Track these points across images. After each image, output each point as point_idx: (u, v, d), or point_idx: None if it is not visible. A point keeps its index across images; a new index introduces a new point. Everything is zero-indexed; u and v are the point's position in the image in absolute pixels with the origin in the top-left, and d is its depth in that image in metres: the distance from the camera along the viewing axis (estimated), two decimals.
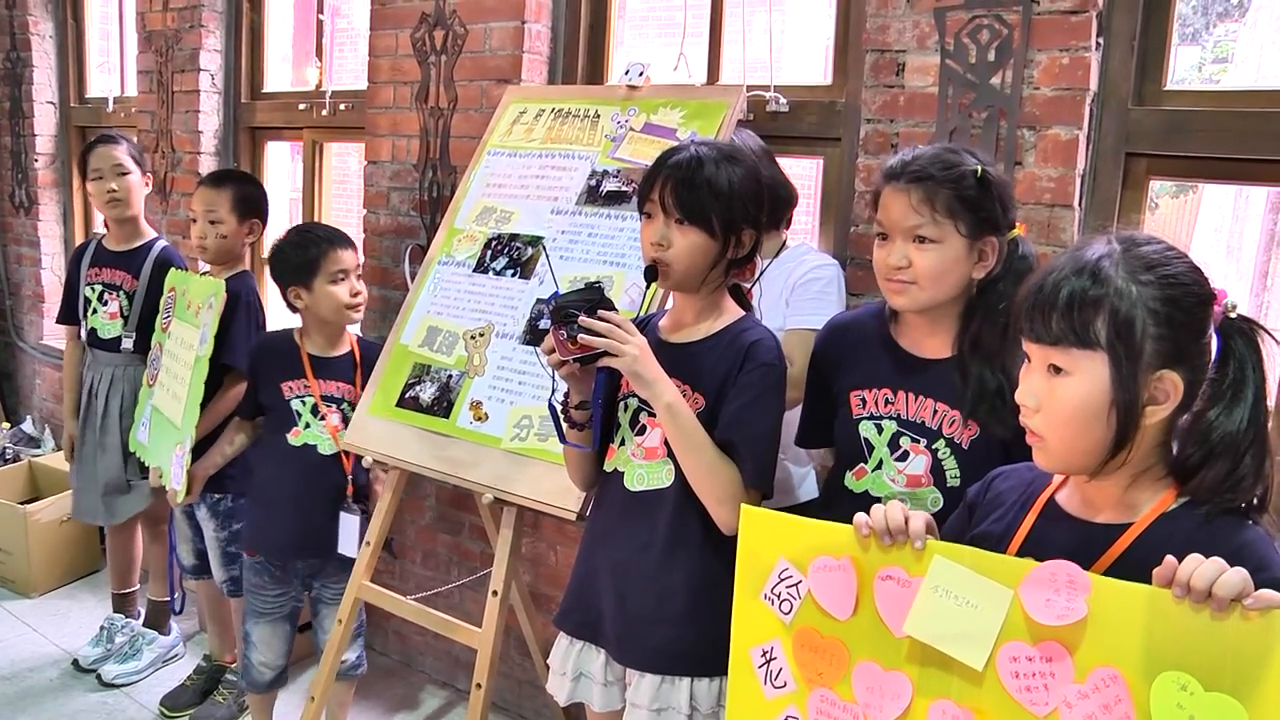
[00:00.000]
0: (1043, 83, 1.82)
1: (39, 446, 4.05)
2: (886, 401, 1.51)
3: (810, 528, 1.18)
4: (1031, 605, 0.98)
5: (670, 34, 2.45)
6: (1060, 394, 1.04)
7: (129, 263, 2.81)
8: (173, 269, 2.64)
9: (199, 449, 2.34)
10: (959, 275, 1.42)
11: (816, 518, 1.64)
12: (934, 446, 1.47)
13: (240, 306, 2.43)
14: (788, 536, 1.18)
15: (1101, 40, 1.81)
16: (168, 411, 2.38)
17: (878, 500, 1.45)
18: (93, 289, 2.81)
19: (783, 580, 1.17)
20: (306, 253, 2.20)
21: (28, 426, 4.19)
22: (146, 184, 2.85)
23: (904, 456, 1.49)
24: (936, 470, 1.47)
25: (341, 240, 2.26)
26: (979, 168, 1.40)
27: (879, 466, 1.51)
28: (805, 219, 2.80)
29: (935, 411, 1.47)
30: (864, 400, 1.53)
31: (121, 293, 2.80)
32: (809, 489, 2.08)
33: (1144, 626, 0.93)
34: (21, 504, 3.32)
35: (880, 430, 1.51)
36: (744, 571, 1.21)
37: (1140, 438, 1.03)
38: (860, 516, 1.12)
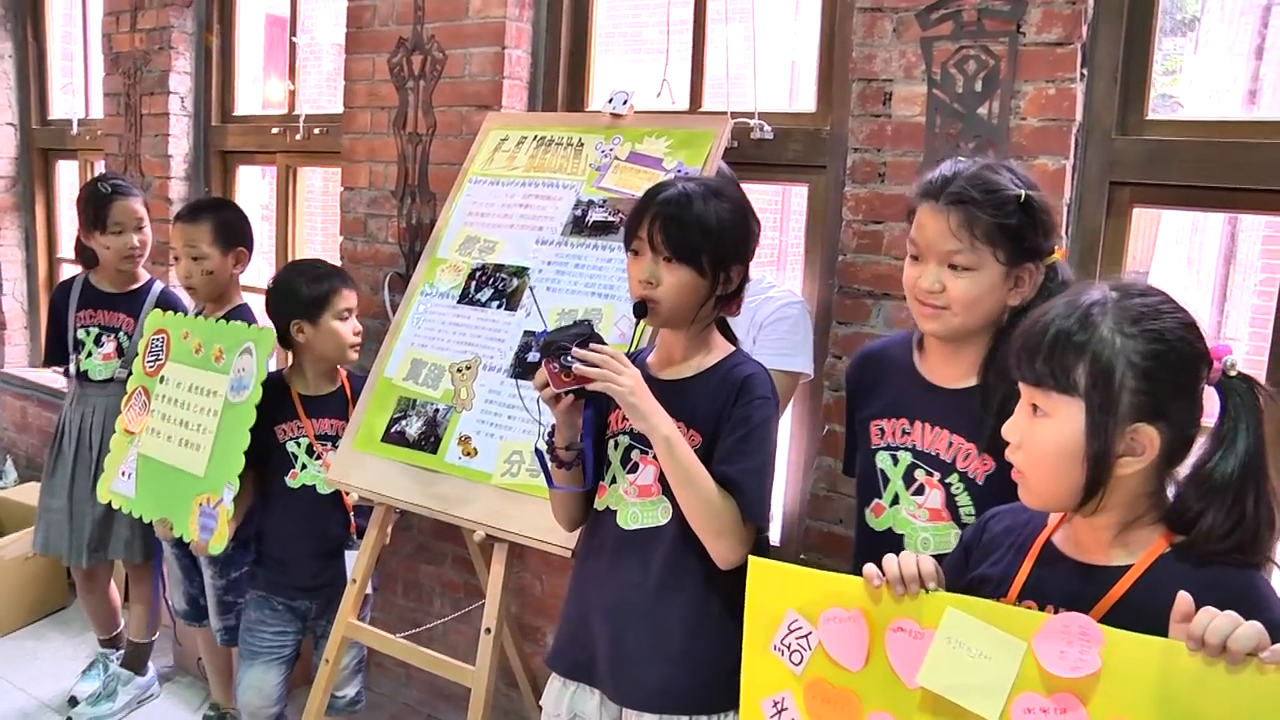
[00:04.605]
0: (1029, 113, 1.83)
1: (0, 479, 3.95)
2: (904, 432, 1.49)
3: (819, 579, 1.17)
4: (1045, 657, 0.98)
5: (636, 50, 2.45)
6: (1038, 435, 1.06)
7: (129, 305, 2.73)
8: (154, 310, 2.55)
9: None
10: (994, 303, 1.38)
11: (850, 558, 1.64)
12: (947, 481, 1.44)
13: None
14: (796, 588, 1.18)
15: (1085, 71, 1.83)
16: (177, 462, 2.26)
17: (901, 538, 1.47)
18: (87, 331, 2.72)
19: (792, 632, 1.17)
20: (319, 287, 2.19)
21: None
22: None
23: (920, 490, 1.46)
24: (951, 506, 1.44)
25: (348, 279, 2.28)
26: (1023, 194, 1.34)
27: (895, 501, 1.49)
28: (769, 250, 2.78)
29: (950, 444, 1.44)
30: (882, 430, 1.51)
31: (121, 334, 2.72)
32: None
33: (1158, 679, 0.94)
34: None
35: (896, 461, 1.49)
36: (753, 623, 1.21)
37: (1115, 486, 1.03)
38: (870, 567, 1.11)
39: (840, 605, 1.13)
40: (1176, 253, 7.66)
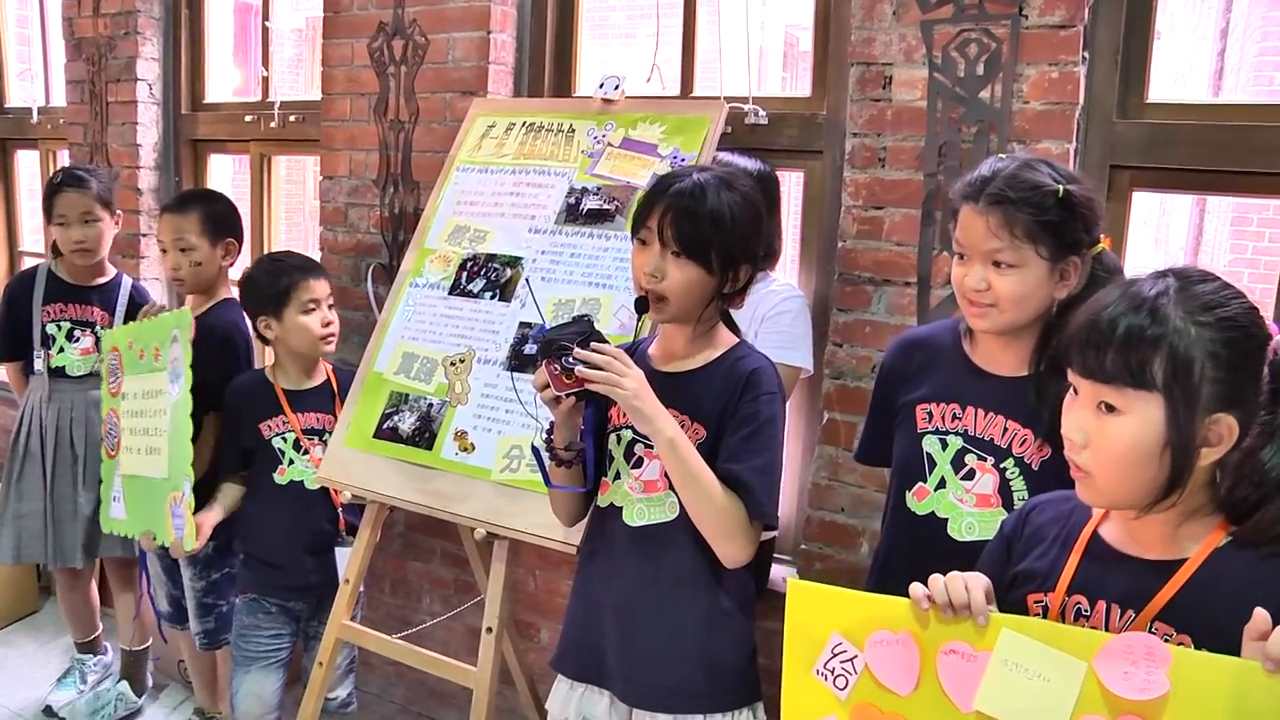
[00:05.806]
0: (1032, 97, 1.81)
1: None
2: (954, 417, 1.48)
3: (863, 601, 1.13)
4: (1109, 678, 0.95)
5: (605, 35, 2.39)
6: (1111, 432, 1.01)
7: (101, 299, 2.66)
8: (104, 331, 2.50)
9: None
10: (1041, 297, 1.39)
11: (880, 542, 1.61)
12: (1002, 466, 1.43)
13: (234, 345, 2.33)
14: (839, 610, 1.13)
15: (1087, 54, 1.82)
16: (147, 471, 2.21)
17: (944, 522, 1.46)
18: (58, 326, 2.64)
19: (836, 655, 1.12)
20: (278, 282, 2.13)
21: None
22: (116, 224, 2.67)
23: (970, 475, 1.45)
24: (1004, 491, 1.43)
25: (314, 269, 2.20)
26: (1061, 188, 1.34)
27: (941, 485, 1.47)
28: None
29: (1005, 429, 1.44)
30: (930, 414, 1.50)
31: (98, 328, 2.65)
32: None
33: (1231, 701, 0.90)
34: None
35: (945, 446, 1.48)
36: (793, 646, 1.16)
37: (1192, 479, 1.01)
38: (918, 588, 1.07)
39: (887, 628, 1.09)
40: (1144, 234, 7.76)
